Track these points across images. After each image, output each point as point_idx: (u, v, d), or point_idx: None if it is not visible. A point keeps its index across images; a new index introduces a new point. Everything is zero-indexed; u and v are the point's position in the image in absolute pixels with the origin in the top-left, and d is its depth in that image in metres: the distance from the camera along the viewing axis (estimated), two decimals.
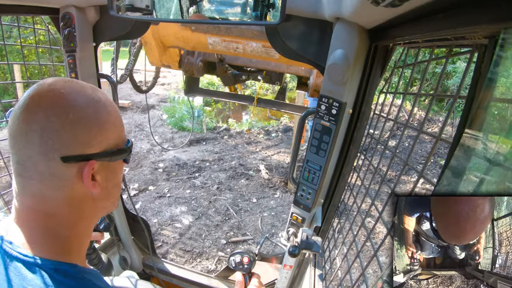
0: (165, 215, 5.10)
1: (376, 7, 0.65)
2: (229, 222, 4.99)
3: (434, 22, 0.70)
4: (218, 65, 2.64)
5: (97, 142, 0.69)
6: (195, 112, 8.77)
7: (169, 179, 6.21)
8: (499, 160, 0.60)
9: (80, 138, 0.66)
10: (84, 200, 0.72)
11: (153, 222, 4.85)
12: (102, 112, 0.70)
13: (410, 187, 3.94)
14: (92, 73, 1.67)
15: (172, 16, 1.40)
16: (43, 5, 1.47)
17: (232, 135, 8.64)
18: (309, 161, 1.35)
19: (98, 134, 0.69)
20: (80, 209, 0.73)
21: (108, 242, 2.32)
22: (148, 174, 6.35)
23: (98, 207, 0.78)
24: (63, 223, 0.71)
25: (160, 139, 8.14)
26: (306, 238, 1.37)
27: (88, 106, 0.68)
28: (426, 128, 8.13)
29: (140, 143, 7.78)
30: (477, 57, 0.67)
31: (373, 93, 1.26)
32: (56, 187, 0.67)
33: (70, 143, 0.65)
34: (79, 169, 0.67)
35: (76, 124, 0.65)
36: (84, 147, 0.67)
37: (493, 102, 0.61)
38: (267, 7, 1.26)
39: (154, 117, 9.51)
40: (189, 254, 4.31)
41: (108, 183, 0.76)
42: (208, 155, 7.30)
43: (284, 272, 1.69)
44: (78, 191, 0.70)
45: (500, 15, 0.51)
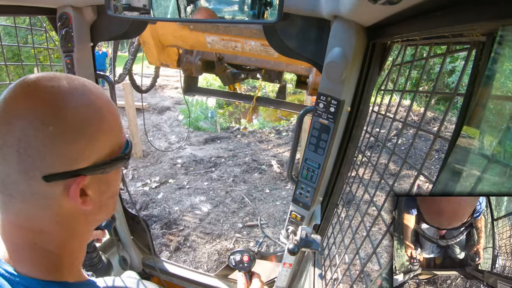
0: (185, 203, 5.71)
1: (374, 5, 0.65)
2: (245, 209, 5.57)
3: (432, 20, 0.70)
4: (217, 64, 2.63)
5: (85, 156, 0.58)
6: (209, 113, 9.25)
7: (187, 173, 6.90)
8: (497, 157, 0.60)
9: (64, 153, 0.56)
10: (75, 217, 0.63)
11: (174, 210, 5.49)
12: (93, 120, 0.59)
13: (410, 184, 3.92)
14: (90, 73, 1.67)
15: (169, 15, 1.40)
16: (40, 5, 1.46)
17: (245, 134, 9.32)
18: (307, 159, 1.35)
19: (87, 147, 0.58)
20: (71, 226, 0.64)
21: (107, 242, 2.32)
22: (167, 168, 7.03)
23: (91, 222, 0.69)
24: (53, 241, 0.62)
25: (176, 138, 8.94)
26: (305, 236, 1.37)
27: (76, 114, 0.57)
28: (432, 127, 8.19)
29: (158, 141, 8.55)
30: (475, 54, 0.67)
31: (371, 91, 1.26)
32: (41, 206, 0.59)
33: (52, 160, 0.55)
34: (65, 186, 0.58)
35: (58, 138, 0.55)
36: (70, 163, 0.57)
37: (491, 99, 0.61)
38: (265, 5, 1.26)
39: (170, 118, 10.30)
40: (209, 236, 4.87)
41: (102, 196, 0.66)
42: (223, 152, 7.98)
43: (284, 270, 1.69)
44: (67, 208, 0.60)
45: (498, 12, 0.51)
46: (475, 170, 0.65)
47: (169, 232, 4.95)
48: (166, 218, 5.25)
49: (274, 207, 5.55)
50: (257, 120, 10.75)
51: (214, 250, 4.61)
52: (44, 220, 0.60)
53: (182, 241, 4.80)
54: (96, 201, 0.63)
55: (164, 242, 4.74)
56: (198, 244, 4.74)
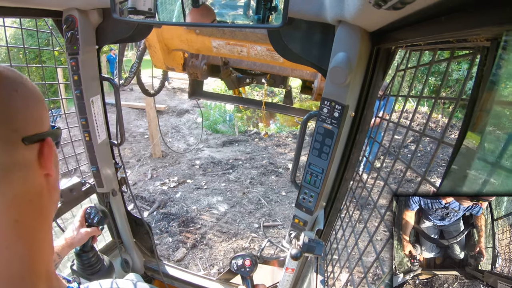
0: (203, 203, 5.92)
1: (379, 10, 0.65)
2: (261, 210, 5.70)
3: (436, 25, 0.70)
4: (222, 68, 2.64)
5: (44, 121, 0.61)
6: (227, 116, 9.43)
7: (205, 174, 7.12)
8: (501, 162, 0.60)
9: (33, 116, 0.58)
10: (42, 193, 0.60)
11: (192, 209, 5.69)
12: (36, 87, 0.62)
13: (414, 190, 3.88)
14: (94, 76, 1.68)
15: (174, 19, 1.41)
16: (46, 8, 1.48)
17: (262, 138, 9.52)
18: (311, 164, 1.35)
19: (45, 113, 0.61)
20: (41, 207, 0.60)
21: (110, 245, 2.33)
22: (186, 169, 7.28)
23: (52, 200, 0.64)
24: (25, 236, 0.56)
25: (195, 140, 9.20)
26: (308, 241, 1.37)
27: (29, 84, 0.60)
28: (448, 134, 8.20)
29: (177, 143, 8.89)
30: (479, 59, 0.67)
31: (375, 96, 1.26)
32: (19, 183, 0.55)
33: (27, 122, 0.56)
34: (38, 152, 0.58)
35: (28, 100, 0.58)
36: (39, 126, 0.59)
37: (495, 104, 0.61)
38: (270, 10, 1.26)
39: (189, 120, 10.55)
40: (225, 235, 5.02)
41: (56, 167, 0.64)
42: (241, 155, 8.20)
43: (286, 275, 1.68)
44: (37, 182, 0.58)
45: (502, 18, 0.51)
46: (479, 174, 0.65)
47: (186, 230, 5.12)
48: (184, 216, 5.42)
49: (290, 209, 5.66)
50: (274, 124, 10.88)
51: (230, 248, 4.72)
52: (20, 204, 0.55)
53: (199, 238, 4.92)
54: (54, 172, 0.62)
55: (181, 239, 4.89)
56: (214, 242, 4.87)
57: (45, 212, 0.62)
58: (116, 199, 2.14)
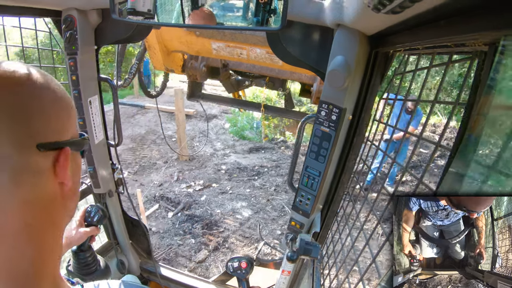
0: (227, 207, 6.02)
1: (377, 14, 0.66)
2: (284, 217, 5.72)
3: (435, 29, 0.71)
4: (222, 71, 2.64)
5: (66, 130, 0.59)
6: (254, 123, 9.48)
7: (230, 179, 7.19)
8: (498, 167, 0.60)
9: (53, 123, 0.56)
10: (56, 201, 0.59)
11: (216, 212, 5.81)
12: (67, 99, 0.61)
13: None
14: (93, 76, 1.68)
15: (173, 20, 1.41)
16: (45, 7, 1.47)
17: (289, 146, 9.52)
18: (308, 167, 1.35)
19: (68, 121, 0.60)
20: (52, 213, 0.59)
21: (106, 246, 2.32)
22: (212, 173, 7.39)
23: (66, 209, 0.63)
24: (34, 240, 0.55)
25: (222, 145, 9.26)
26: (304, 243, 1.37)
27: (57, 88, 0.59)
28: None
29: (204, 147, 8.89)
30: (477, 64, 0.68)
31: (373, 99, 1.27)
32: (28, 186, 0.54)
33: (44, 129, 0.55)
34: (54, 159, 0.56)
35: (49, 107, 0.56)
36: (58, 134, 0.57)
37: (493, 109, 0.61)
38: (269, 12, 1.26)
39: (216, 126, 10.71)
40: (248, 240, 5.09)
41: (75, 177, 0.64)
42: (266, 162, 8.21)
43: (282, 278, 1.68)
44: (50, 190, 0.57)
45: (500, 23, 0.51)
46: (477, 177, 0.65)
47: (209, 233, 5.22)
48: (208, 219, 5.54)
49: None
50: None
51: (251, 253, 4.77)
52: (29, 208, 0.54)
53: (221, 242, 5.01)
54: (72, 181, 0.61)
55: (204, 242, 4.98)
56: (237, 246, 4.94)
57: (58, 219, 0.61)
58: (113, 200, 2.13)
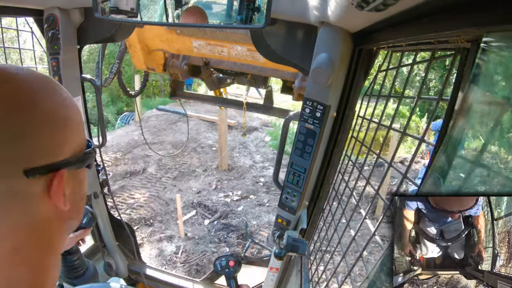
0: (263, 219, 6.04)
1: (361, 12, 0.66)
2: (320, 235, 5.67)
3: (418, 26, 0.71)
4: (203, 69, 2.62)
5: (62, 149, 0.52)
6: None
7: (268, 192, 7.18)
8: (480, 161, 0.62)
9: (47, 143, 0.50)
10: (52, 223, 0.54)
11: (252, 223, 5.88)
12: (69, 108, 0.54)
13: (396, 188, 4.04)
14: (75, 76, 1.65)
15: (157, 19, 1.39)
16: (27, 7, 1.44)
17: None
18: (293, 164, 1.35)
19: (67, 137, 0.53)
20: (48, 235, 0.54)
21: (92, 248, 2.28)
22: (250, 185, 7.43)
23: (66, 228, 0.59)
24: (28, 262, 0.51)
25: (261, 158, 9.14)
26: (292, 240, 1.37)
27: (54, 100, 0.52)
28: None
29: (243, 159, 8.93)
30: (459, 60, 0.69)
31: (357, 96, 1.28)
32: (17, 214, 0.49)
33: (32, 152, 0.48)
34: (46, 183, 0.50)
35: (43, 125, 0.49)
36: (50, 156, 0.50)
37: (475, 104, 0.62)
38: (252, 10, 1.26)
39: (257, 138, 10.62)
40: None
41: (76, 196, 0.58)
42: None
43: (271, 275, 1.68)
44: (45, 213, 0.52)
45: (482, 20, 0.52)
46: (460, 173, 0.67)
47: (244, 243, 5.21)
48: (243, 229, 5.60)
49: (348, 238, 5.84)
50: None
51: None
52: (19, 232, 0.49)
53: (255, 253, 4.95)
54: (72, 201, 0.56)
55: (238, 251, 4.89)
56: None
57: (54, 240, 0.56)
58: (98, 202, 2.09)
